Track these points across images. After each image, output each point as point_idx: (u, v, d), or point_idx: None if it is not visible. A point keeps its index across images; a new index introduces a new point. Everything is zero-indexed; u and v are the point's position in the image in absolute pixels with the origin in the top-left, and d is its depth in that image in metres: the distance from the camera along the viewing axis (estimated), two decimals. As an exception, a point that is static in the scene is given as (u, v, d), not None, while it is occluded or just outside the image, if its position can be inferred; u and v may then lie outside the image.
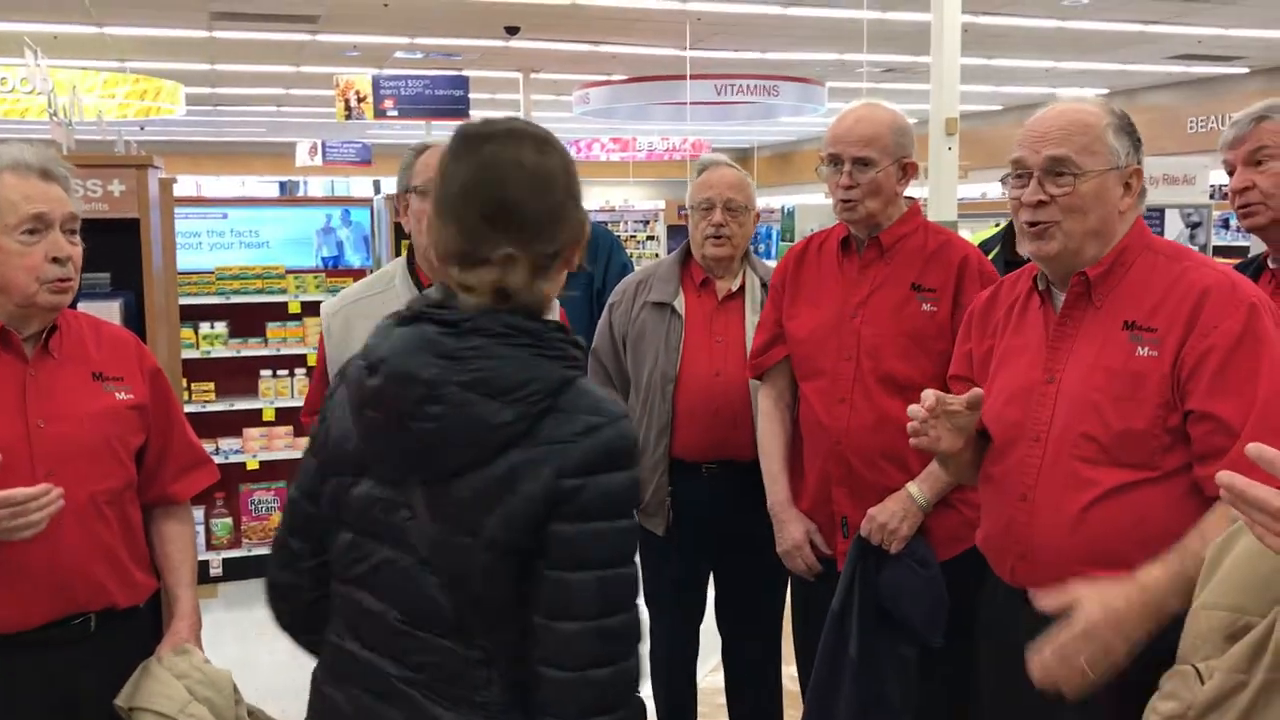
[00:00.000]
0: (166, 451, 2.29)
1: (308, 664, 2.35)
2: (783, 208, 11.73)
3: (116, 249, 2.68)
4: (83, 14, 11.56)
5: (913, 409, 1.99)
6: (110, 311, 2.65)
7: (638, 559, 2.87)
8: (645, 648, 1.51)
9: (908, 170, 2.61)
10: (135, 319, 2.82)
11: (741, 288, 3.11)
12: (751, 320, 3.04)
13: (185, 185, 20.41)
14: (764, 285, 3.08)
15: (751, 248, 3.18)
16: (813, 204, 12.10)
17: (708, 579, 3.22)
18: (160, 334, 2.84)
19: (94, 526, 2.10)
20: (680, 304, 3.08)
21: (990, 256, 3.73)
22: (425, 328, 1.48)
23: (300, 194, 22.59)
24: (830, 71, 15.67)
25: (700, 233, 3.06)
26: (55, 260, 2.04)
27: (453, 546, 1.45)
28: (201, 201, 6.57)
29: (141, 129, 17.39)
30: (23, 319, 2.08)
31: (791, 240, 10.24)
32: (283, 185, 24.02)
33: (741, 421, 2.99)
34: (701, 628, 3.24)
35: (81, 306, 2.27)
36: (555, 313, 2.63)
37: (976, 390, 2.01)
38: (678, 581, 3.15)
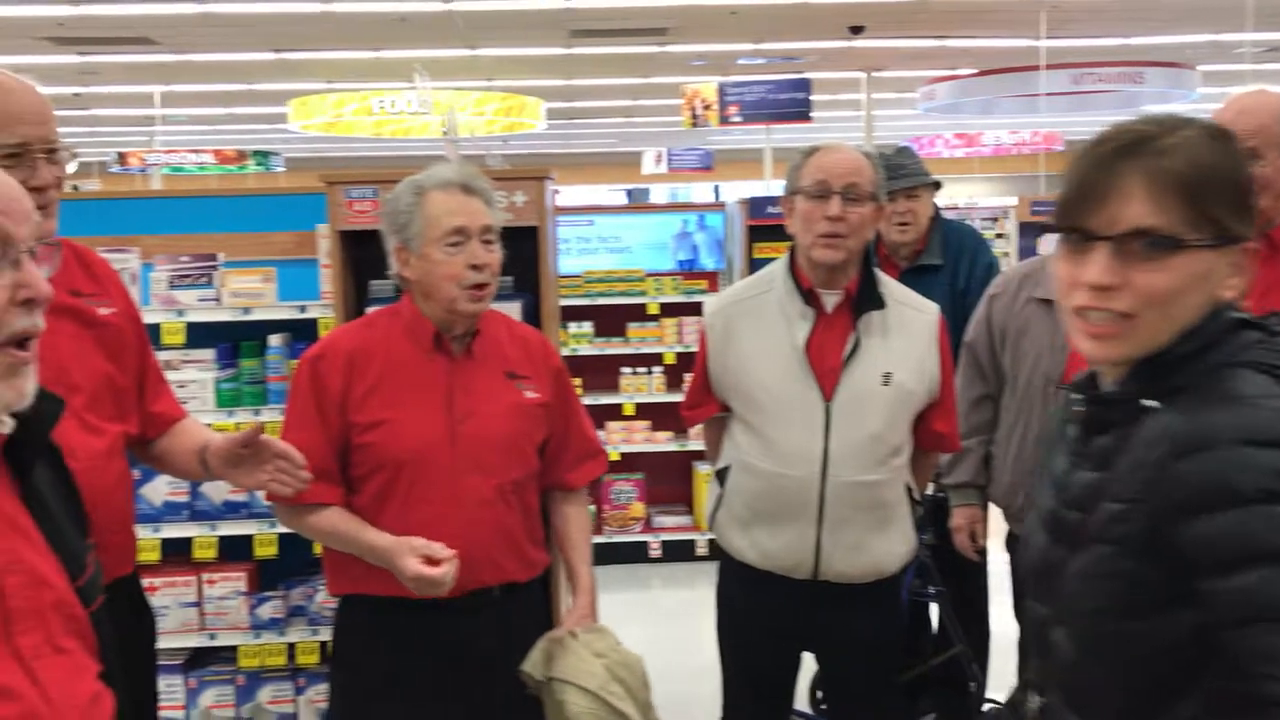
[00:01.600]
0: (565, 443, 2.47)
1: (665, 648, 2.47)
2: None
3: (517, 254, 2.91)
4: (459, 38, 12.57)
5: None
6: (513, 311, 2.88)
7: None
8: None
9: None
10: (532, 319, 3.06)
11: None
12: None
13: (541, 194, 21.57)
14: None
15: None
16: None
17: None
18: (550, 333, 3.06)
19: (500, 513, 2.30)
20: None
21: None
22: None
23: (646, 201, 23.45)
24: (1202, 54, 14.45)
25: None
26: (473, 267, 2.25)
27: None
28: (571, 210, 6.99)
29: (504, 143, 18.69)
30: (449, 323, 2.31)
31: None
32: (629, 192, 25.04)
33: None
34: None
35: (491, 306, 2.48)
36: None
37: None
38: None
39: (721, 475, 2.61)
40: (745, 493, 2.53)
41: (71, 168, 2.00)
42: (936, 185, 3.72)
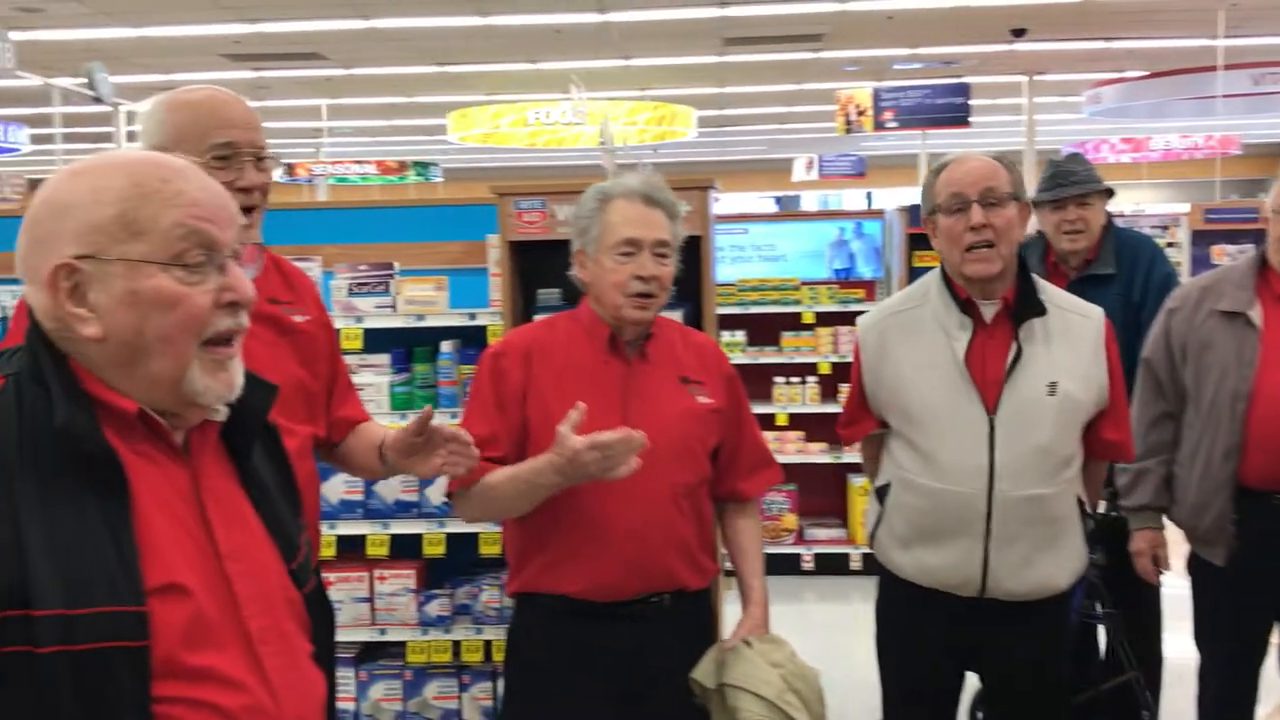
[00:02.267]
0: (738, 451, 2.48)
1: (818, 662, 2.45)
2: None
3: (680, 263, 2.92)
4: (613, 49, 12.74)
5: None
6: (674, 319, 2.90)
7: (1188, 588, 2.67)
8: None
9: None
10: (693, 327, 3.07)
11: None
12: None
13: (691, 202, 21.63)
14: None
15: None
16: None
17: (1273, 620, 2.93)
18: (710, 337, 3.08)
19: (673, 518, 2.31)
20: (1256, 315, 2.79)
21: None
22: None
23: (796, 209, 23.29)
24: (1399, 50, 13.58)
25: None
26: (640, 278, 2.28)
27: None
28: (726, 218, 7.00)
29: (655, 152, 18.82)
30: (619, 327, 2.35)
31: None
32: (779, 200, 24.91)
33: None
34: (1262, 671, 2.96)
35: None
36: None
37: None
38: (1237, 617, 2.90)
39: (881, 493, 2.57)
40: (908, 510, 2.49)
41: (276, 174, 2.12)
42: (1109, 192, 3.60)
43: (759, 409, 6.03)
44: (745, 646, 2.31)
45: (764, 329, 6.15)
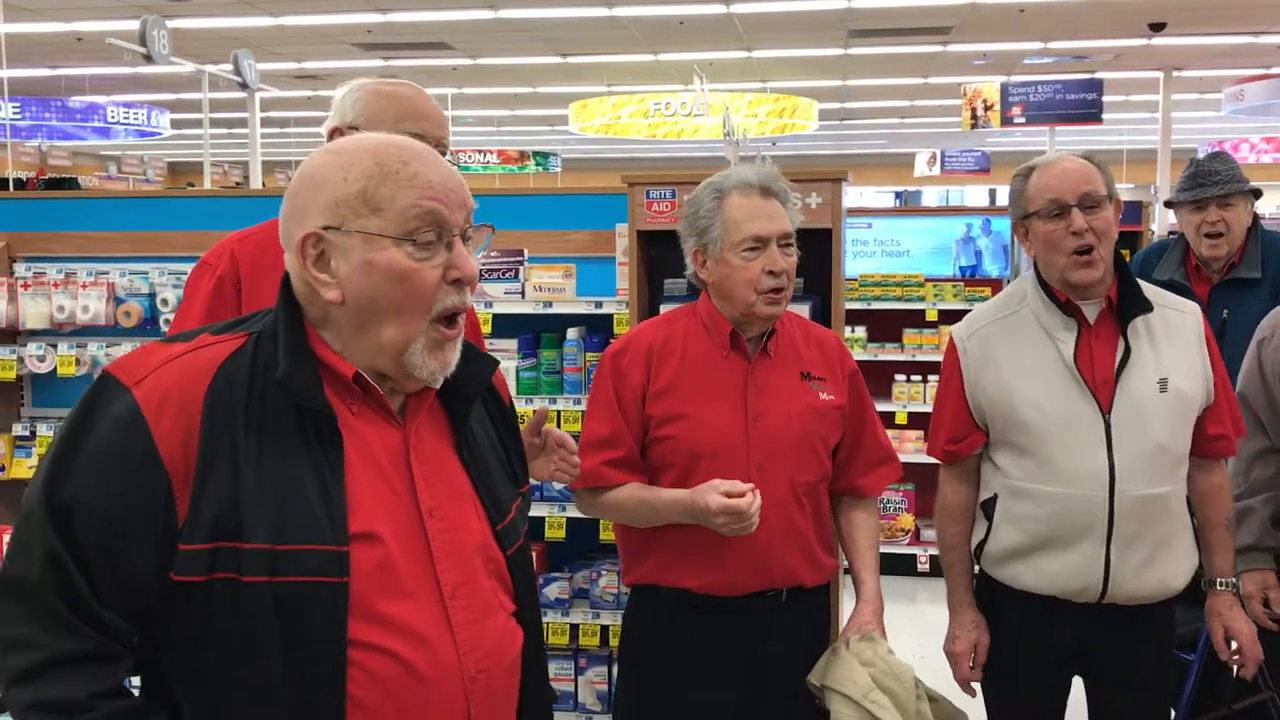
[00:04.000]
0: (858, 447, 2.45)
1: (931, 664, 2.40)
2: None
3: (809, 256, 2.90)
4: (737, 40, 12.70)
5: None
6: (801, 313, 2.88)
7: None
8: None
9: None
10: (821, 321, 3.06)
11: None
12: None
13: (809, 196, 21.46)
14: None
15: None
16: None
17: None
18: (832, 332, 3.05)
19: (792, 515, 2.30)
20: None
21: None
22: None
23: (917, 204, 22.92)
24: None
25: None
26: (770, 273, 2.27)
27: None
28: (850, 212, 6.92)
29: (774, 144, 18.71)
30: (745, 323, 2.33)
31: None
32: (899, 194, 24.55)
33: None
34: None
35: (784, 308, 2.48)
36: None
37: None
38: None
39: (987, 507, 2.49)
40: (1023, 519, 2.41)
41: None
42: (1256, 193, 3.46)
43: (878, 407, 5.96)
44: (843, 647, 2.29)
45: (886, 325, 6.07)
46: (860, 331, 6.06)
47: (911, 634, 4.37)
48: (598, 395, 2.40)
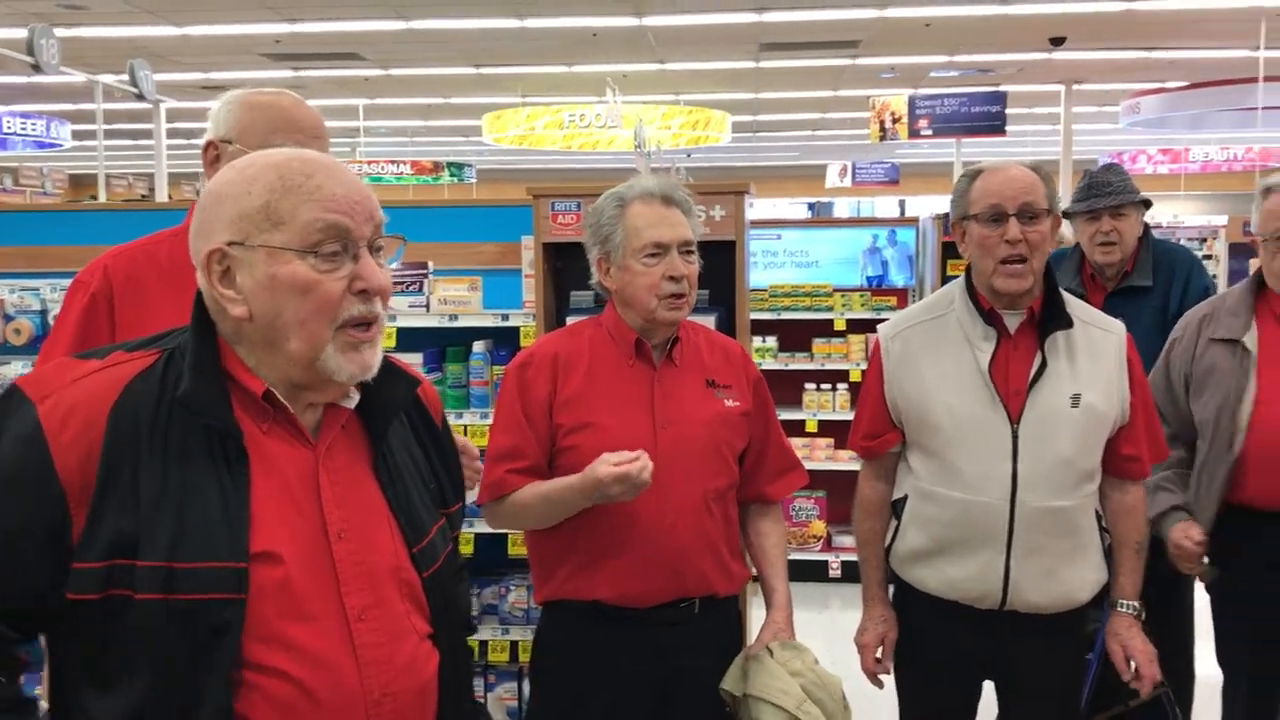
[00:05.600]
0: (764, 455, 2.47)
1: (843, 670, 2.43)
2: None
3: (713, 268, 2.93)
4: (650, 53, 12.77)
5: None
6: (708, 324, 2.90)
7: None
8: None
9: None
10: (726, 331, 3.08)
11: None
12: None
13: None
14: None
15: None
16: None
17: None
18: (736, 340, 3.07)
19: (703, 522, 2.31)
20: (1251, 340, 2.78)
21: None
22: None
23: (829, 215, 23.23)
24: None
25: (1279, 266, 2.77)
26: (671, 279, 2.28)
27: None
28: (759, 224, 6.99)
29: (689, 156, 18.83)
30: (649, 331, 2.35)
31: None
32: (811, 206, 24.85)
33: None
34: None
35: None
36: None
37: None
38: (1254, 638, 2.88)
39: (897, 507, 2.54)
40: (928, 522, 2.45)
41: None
42: (1146, 204, 3.57)
43: (789, 415, 6.05)
44: (767, 655, 2.29)
45: (796, 335, 6.14)
46: (771, 341, 6.12)
47: (824, 638, 4.39)
48: (503, 407, 2.39)
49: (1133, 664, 2.53)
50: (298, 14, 10.76)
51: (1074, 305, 2.47)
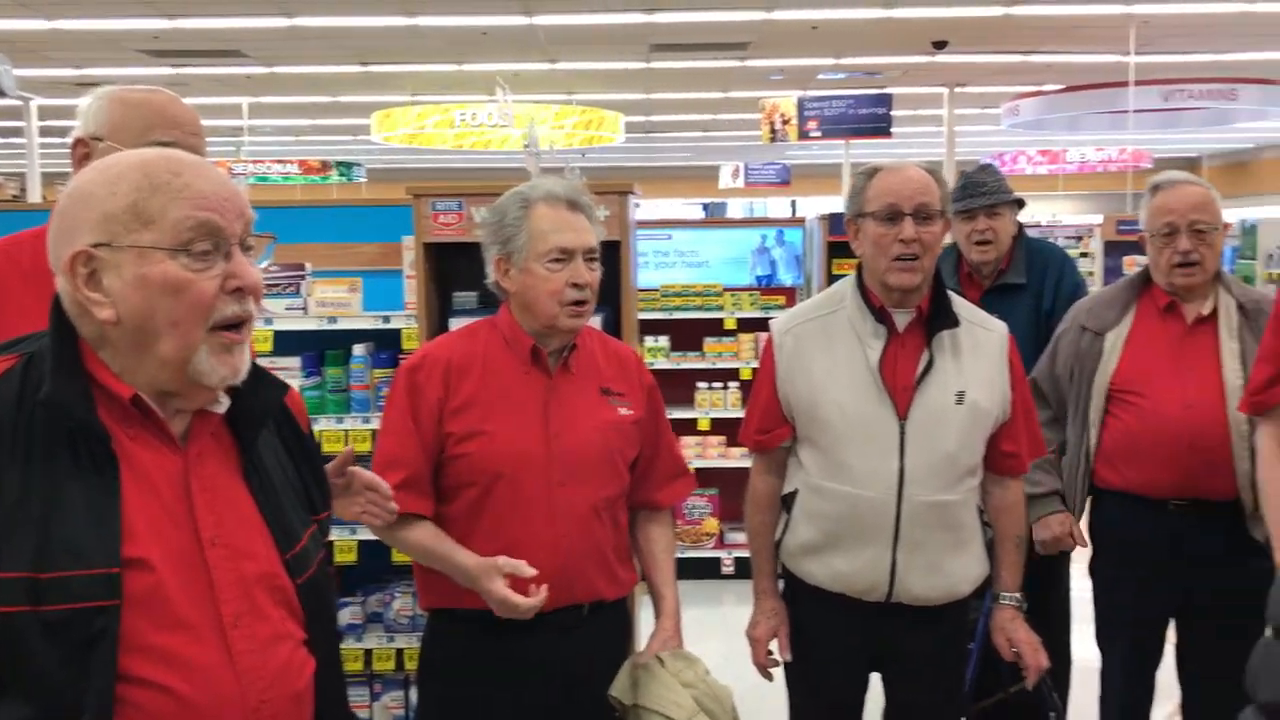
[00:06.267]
0: (655, 461, 2.46)
1: (737, 665, 2.44)
2: (1240, 223, 10.66)
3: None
4: (540, 52, 12.71)
5: None
6: (594, 324, 2.89)
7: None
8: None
9: None
10: (612, 333, 3.07)
11: (1214, 312, 2.87)
12: (1229, 347, 2.81)
13: (618, 207, 21.68)
14: (1241, 308, 2.84)
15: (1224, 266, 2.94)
16: (1278, 218, 10.83)
17: (1164, 622, 3.02)
18: (630, 346, 3.07)
19: (592, 529, 2.29)
20: (1118, 332, 2.92)
21: None
22: None
23: (723, 215, 23.44)
24: (1299, 70, 14.09)
25: (1165, 261, 2.86)
26: (575, 285, 2.25)
27: None
28: (650, 224, 7.00)
29: (583, 156, 18.80)
30: (546, 337, 2.31)
31: (1252, 258, 9.28)
32: (705, 206, 25.03)
33: (1220, 457, 2.77)
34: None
35: (578, 321, 2.48)
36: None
37: None
38: (1131, 618, 3.00)
39: (788, 501, 2.57)
40: (817, 516, 2.48)
41: None
42: (1019, 203, 3.66)
43: (682, 414, 6.07)
44: (658, 664, 2.28)
45: (687, 335, 6.17)
46: (663, 341, 6.14)
47: (718, 636, 4.42)
48: (391, 412, 2.33)
49: (1019, 654, 2.59)
50: (176, 10, 10.43)
51: (960, 305, 2.52)
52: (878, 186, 2.42)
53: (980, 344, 2.48)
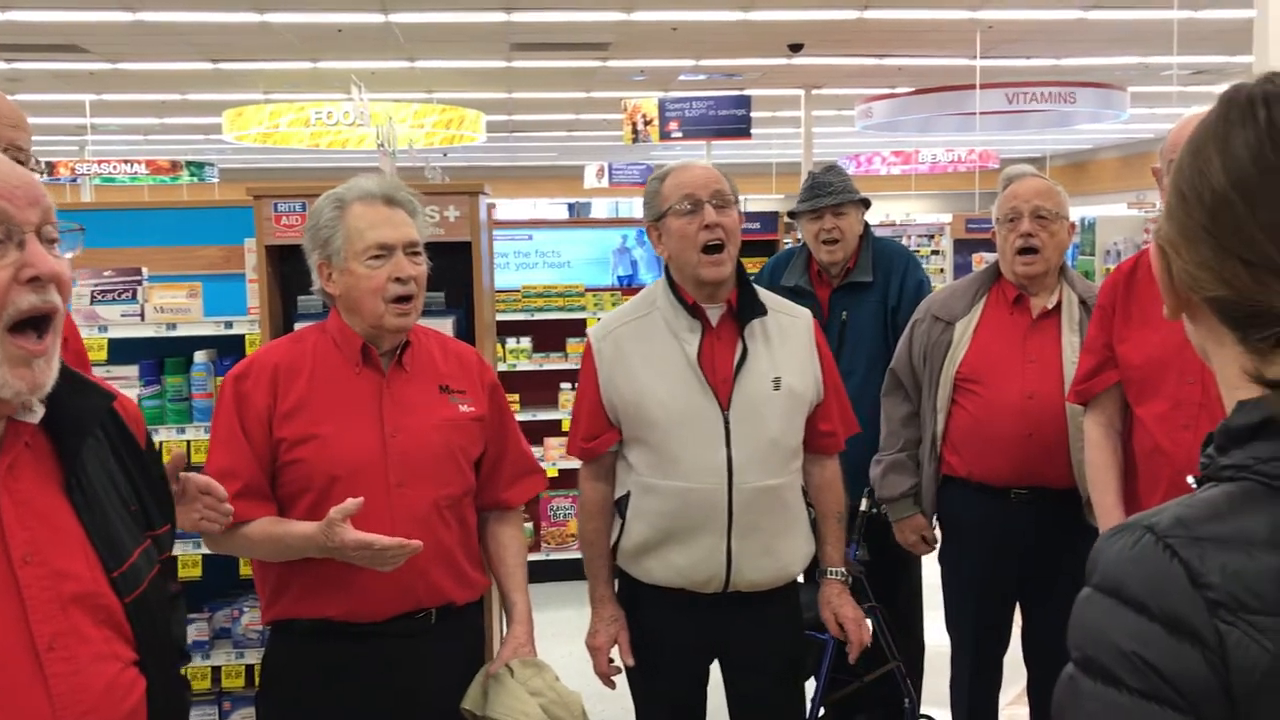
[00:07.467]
0: (501, 460, 2.43)
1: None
2: (1081, 220, 11.13)
3: (450, 269, 2.87)
4: (398, 50, 12.50)
5: None
6: (444, 327, 2.85)
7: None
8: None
9: None
10: (465, 335, 3.03)
11: (1058, 305, 3.00)
12: (1070, 340, 2.93)
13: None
14: (1083, 303, 2.97)
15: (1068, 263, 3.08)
16: (1115, 215, 11.38)
17: (1008, 606, 3.14)
18: (485, 349, 3.03)
19: (437, 531, 2.24)
20: (966, 323, 3.04)
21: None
22: None
23: (588, 215, 23.45)
24: (1133, 76, 14.80)
25: (1010, 247, 2.98)
26: (398, 280, 2.20)
27: None
28: (510, 224, 6.94)
29: (445, 155, 18.57)
30: (376, 337, 2.26)
31: (1091, 254, 9.70)
32: (571, 206, 25.02)
33: (1058, 447, 2.89)
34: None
35: (421, 322, 2.45)
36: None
37: None
38: (976, 603, 3.12)
39: (620, 505, 2.56)
40: (651, 514, 2.49)
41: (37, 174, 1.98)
42: (865, 203, 3.75)
43: (546, 415, 6.03)
44: (507, 674, 2.25)
45: (550, 336, 6.13)
46: (525, 342, 6.09)
47: (583, 638, 4.41)
48: (219, 422, 2.25)
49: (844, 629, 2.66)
50: (9, 1, 9.92)
51: (765, 295, 2.59)
52: (673, 184, 2.49)
53: (787, 330, 2.56)
